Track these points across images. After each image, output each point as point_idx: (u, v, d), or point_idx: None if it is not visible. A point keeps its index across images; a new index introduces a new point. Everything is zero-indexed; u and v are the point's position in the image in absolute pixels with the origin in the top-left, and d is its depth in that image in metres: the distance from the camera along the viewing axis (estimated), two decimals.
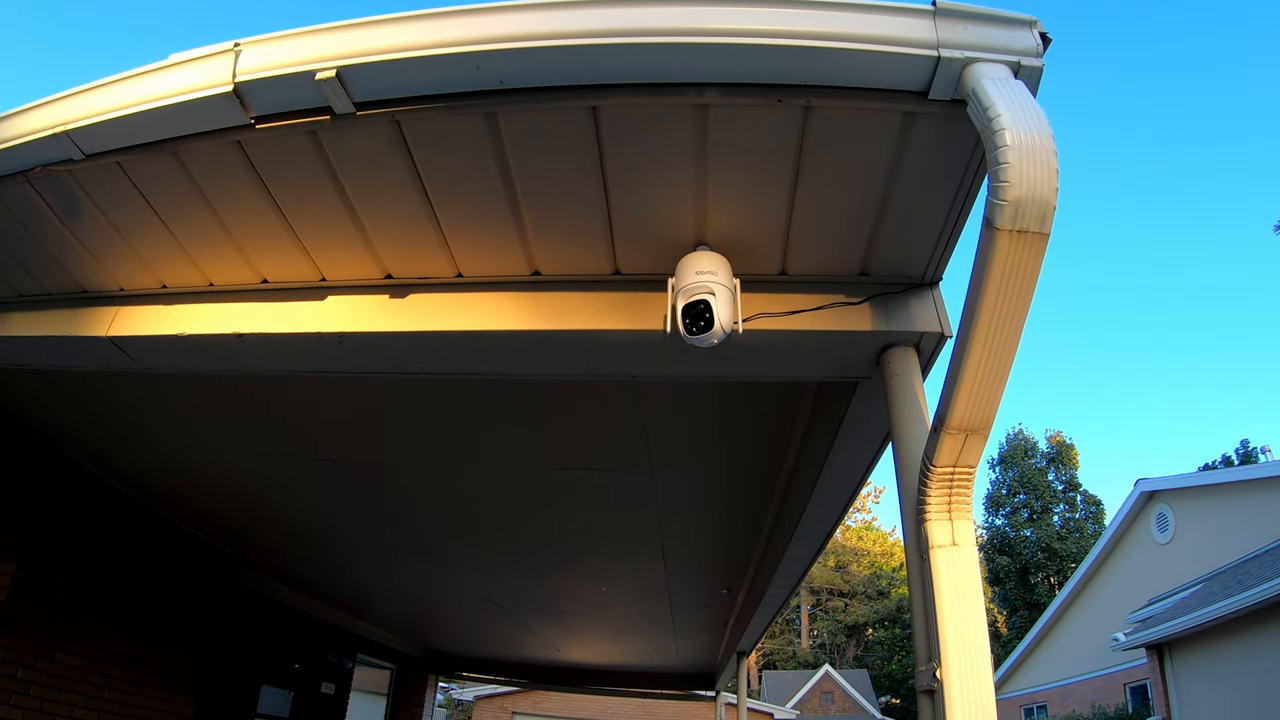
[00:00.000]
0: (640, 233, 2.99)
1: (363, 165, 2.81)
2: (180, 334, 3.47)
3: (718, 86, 2.41)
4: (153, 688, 7.31)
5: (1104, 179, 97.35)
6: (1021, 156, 2.06)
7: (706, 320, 2.75)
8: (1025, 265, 2.16)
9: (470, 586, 9.36)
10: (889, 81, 2.36)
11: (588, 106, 2.50)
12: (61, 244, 3.39)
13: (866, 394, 3.45)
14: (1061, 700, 23.90)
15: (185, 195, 3.03)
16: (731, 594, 8.59)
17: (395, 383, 4.42)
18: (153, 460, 6.04)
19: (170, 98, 2.66)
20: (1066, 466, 44.75)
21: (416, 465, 5.66)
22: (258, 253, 3.29)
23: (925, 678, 2.56)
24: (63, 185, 3.07)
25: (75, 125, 2.82)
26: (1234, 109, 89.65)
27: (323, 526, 7.37)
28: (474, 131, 2.62)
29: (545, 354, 3.36)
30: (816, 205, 2.82)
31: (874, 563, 61.26)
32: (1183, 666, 15.44)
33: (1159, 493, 20.09)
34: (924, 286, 3.15)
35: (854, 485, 4.59)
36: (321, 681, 11.08)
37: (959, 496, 2.59)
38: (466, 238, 3.09)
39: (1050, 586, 40.21)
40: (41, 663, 5.99)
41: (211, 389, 4.68)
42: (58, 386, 4.82)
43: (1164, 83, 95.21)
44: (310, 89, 2.51)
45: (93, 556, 6.56)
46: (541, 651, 13.85)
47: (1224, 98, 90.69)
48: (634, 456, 5.15)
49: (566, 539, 7.11)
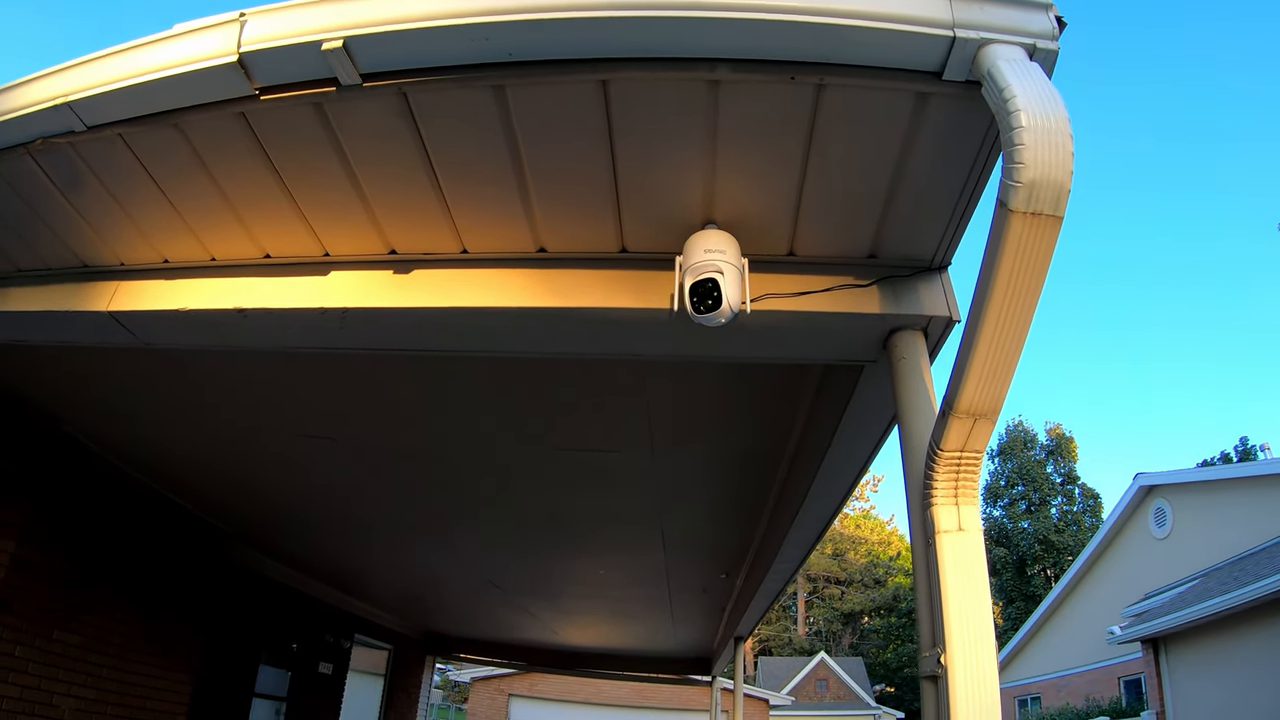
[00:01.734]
0: (648, 210, 2.96)
1: (368, 138, 2.77)
2: (181, 309, 3.43)
3: (730, 62, 2.37)
4: (151, 666, 7.31)
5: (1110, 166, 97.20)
6: (1037, 138, 2.04)
7: (714, 299, 2.73)
8: (1038, 248, 2.14)
9: (470, 568, 9.36)
10: (903, 61, 2.34)
11: (598, 80, 2.47)
12: (62, 217, 3.35)
13: (873, 378, 3.43)
14: (1056, 692, 24.00)
15: (187, 168, 3.00)
16: (730, 579, 8.59)
17: (398, 360, 4.39)
18: (152, 438, 6.03)
19: (174, 68, 2.63)
20: (1065, 459, 44.83)
21: (418, 444, 5.64)
22: (260, 227, 3.26)
23: (929, 663, 2.54)
24: (64, 157, 3.04)
25: (77, 96, 2.79)
26: (1242, 98, 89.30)
27: (321, 505, 7.36)
28: (482, 105, 2.59)
29: (550, 332, 3.34)
30: (826, 185, 2.79)
31: (871, 551, 61.32)
32: (1177, 661, 15.48)
33: (1158, 487, 20.11)
34: (933, 270, 3.13)
35: (857, 470, 4.57)
36: (319, 661, 11.10)
37: (966, 482, 2.57)
38: (472, 213, 3.06)
39: (1047, 579, 40.33)
40: (40, 640, 5.99)
41: (211, 366, 4.66)
42: (57, 363, 4.80)
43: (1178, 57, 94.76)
44: (316, 59, 2.48)
45: (92, 534, 6.56)
46: (539, 634, 13.89)
47: (1237, 76, 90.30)
48: (636, 438, 5.13)
49: (567, 520, 7.11)
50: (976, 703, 2.34)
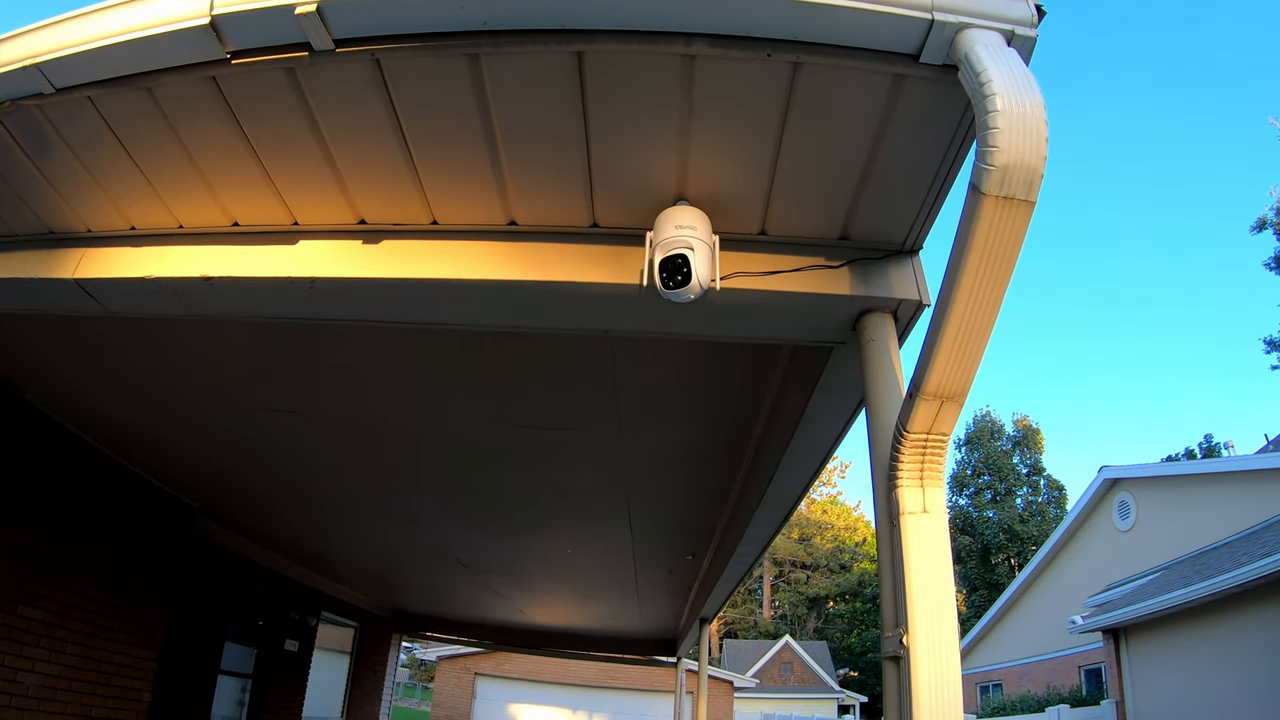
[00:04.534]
0: (620, 184, 2.95)
1: (340, 105, 2.74)
2: (148, 276, 3.39)
3: (707, 37, 2.36)
4: (116, 642, 7.26)
5: (1080, 163, 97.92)
6: (1012, 123, 2.05)
7: (684, 275, 2.73)
8: (1010, 232, 2.16)
9: (435, 545, 9.35)
10: (881, 42, 2.33)
11: (573, 51, 2.45)
12: (29, 183, 3.29)
13: (842, 359, 3.44)
14: (1018, 679, 24.32)
15: (157, 132, 2.95)
16: (696, 559, 8.63)
17: (363, 332, 4.36)
18: (116, 410, 5.97)
19: (145, 29, 2.58)
20: (1031, 450, 45.36)
21: (385, 419, 5.61)
22: (229, 194, 3.21)
23: (891, 644, 2.57)
24: (32, 121, 2.98)
25: (46, 58, 2.73)
26: (1221, 98, 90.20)
27: (288, 481, 7.32)
28: (455, 73, 2.56)
29: (519, 305, 3.32)
30: (800, 164, 2.79)
31: (837, 536, 61.90)
32: (1137, 652, 15.71)
33: (1122, 480, 20.35)
34: (904, 254, 3.14)
35: (824, 452, 4.58)
36: (285, 639, 11.06)
37: (931, 463, 2.59)
38: (443, 183, 3.03)
39: (1011, 568, 40.83)
40: (3, 616, 5.92)
41: (176, 336, 4.61)
42: (21, 332, 4.73)
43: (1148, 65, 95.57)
44: (289, 24, 2.44)
45: (55, 509, 6.47)
46: (505, 614, 13.91)
47: (1211, 86, 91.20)
48: (604, 416, 5.13)
49: (534, 498, 7.10)
50: (938, 683, 2.36)
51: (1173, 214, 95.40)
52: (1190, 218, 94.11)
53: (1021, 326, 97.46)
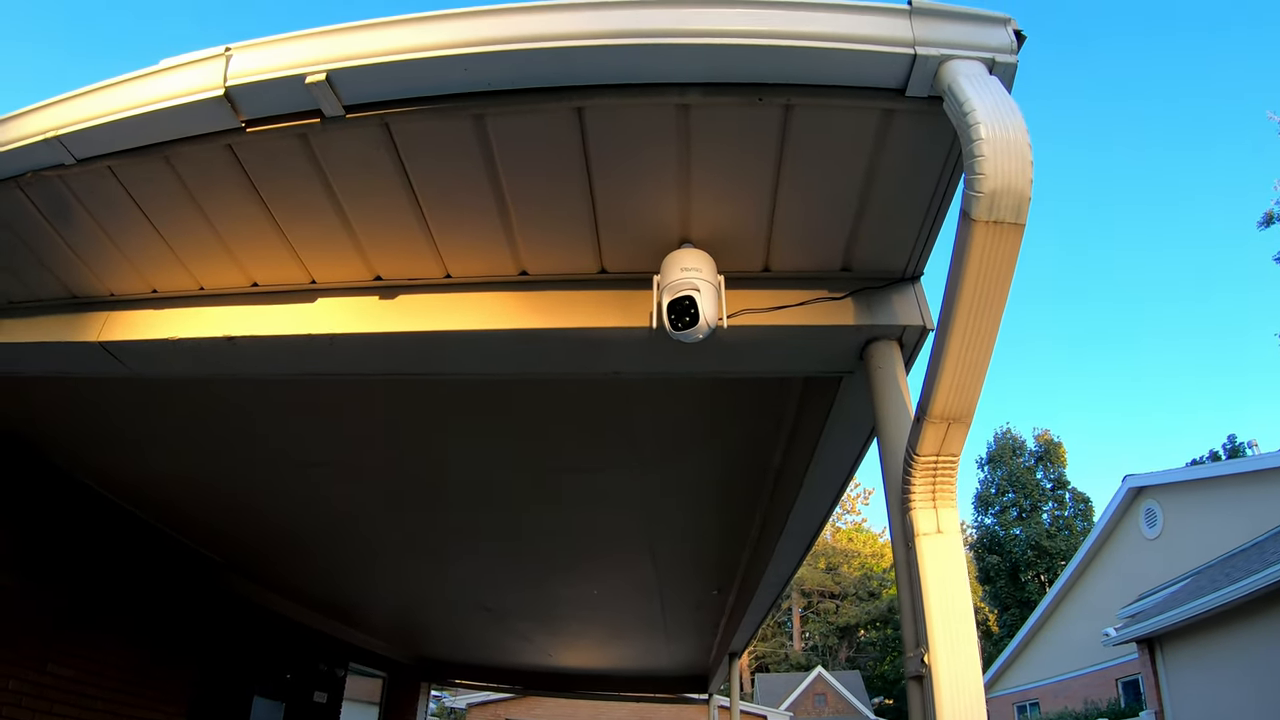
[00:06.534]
0: (625, 231, 3.04)
1: (352, 167, 2.84)
2: (171, 338, 3.48)
3: (699, 86, 2.46)
4: (144, 698, 7.28)
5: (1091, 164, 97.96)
6: (996, 150, 2.11)
7: (692, 316, 2.80)
8: (1002, 256, 2.22)
9: (461, 592, 9.36)
10: (867, 80, 2.42)
11: (573, 108, 2.55)
12: (52, 249, 3.40)
13: (852, 388, 3.50)
14: (1054, 697, 24.01)
15: (176, 199, 3.06)
16: (722, 594, 8.62)
17: (384, 385, 4.44)
18: (142, 468, 6.05)
19: (162, 102, 2.69)
20: (1054, 464, 44.91)
21: (407, 468, 5.68)
22: (248, 256, 3.32)
23: (913, 663, 2.61)
24: (54, 190, 3.09)
25: (67, 130, 2.84)
26: (1228, 89, 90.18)
27: (313, 533, 7.37)
28: (462, 133, 2.66)
29: (533, 353, 3.40)
30: (798, 202, 2.87)
31: (865, 564, 61.33)
32: (1173, 660, 15.52)
33: (1147, 488, 20.20)
34: (906, 281, 3.20)
35: (842, 479, 4.63)
36: (314, 690, 11.05)
37: (943, 485, 2.64)
38: (454, 238, 3.13)
39: (1041, 584, 40.32)
40: (33, 674, 5.97)
41: (200, 395, 4.70)
42: (47, 394, 4.82)
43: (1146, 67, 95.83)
44: (300, 92, 2.55)
45: (83, 566, 6.55)
46: (534, 657, 13.84)
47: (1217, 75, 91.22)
48: (622, 455, 5.19)
49: (557, 539, 7.13)
50: (960, 699, 2.40)
51: (1173, 209, 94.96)
52: (1191, 214, 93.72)
53: (1029, 334, 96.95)
